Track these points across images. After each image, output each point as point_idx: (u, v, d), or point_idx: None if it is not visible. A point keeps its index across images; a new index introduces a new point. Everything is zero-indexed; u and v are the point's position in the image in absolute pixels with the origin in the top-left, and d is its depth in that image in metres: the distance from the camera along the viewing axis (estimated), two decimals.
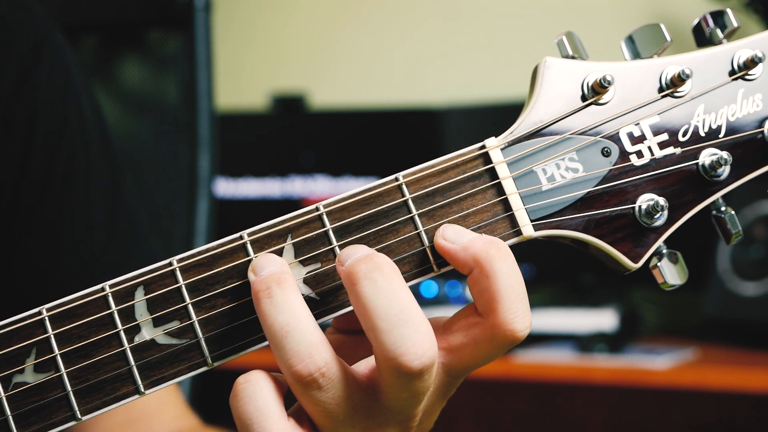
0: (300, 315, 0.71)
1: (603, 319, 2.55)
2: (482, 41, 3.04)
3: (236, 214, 2.88)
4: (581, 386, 2.57)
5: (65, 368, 0.73)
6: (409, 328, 0.70)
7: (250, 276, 0.73)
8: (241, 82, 3.22)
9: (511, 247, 0.76)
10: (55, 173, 1.12)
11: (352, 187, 0.76)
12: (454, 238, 0.73)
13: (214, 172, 1.53)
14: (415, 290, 1.11)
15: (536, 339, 2.56)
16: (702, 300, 2.51)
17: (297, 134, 2.94)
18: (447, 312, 0.76)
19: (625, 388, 2.52)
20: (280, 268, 0.72)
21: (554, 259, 2.71)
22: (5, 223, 1.11)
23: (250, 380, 0.72)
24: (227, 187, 2.91)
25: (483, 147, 0.76)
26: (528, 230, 0.76)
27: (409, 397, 0.72)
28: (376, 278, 0.70)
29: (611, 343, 2.46)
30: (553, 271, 2.76)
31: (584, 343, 2.46)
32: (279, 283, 0.71)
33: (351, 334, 0.80)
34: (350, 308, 0.75)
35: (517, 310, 0.72)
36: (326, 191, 2.83)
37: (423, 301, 2.59)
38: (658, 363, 2.36)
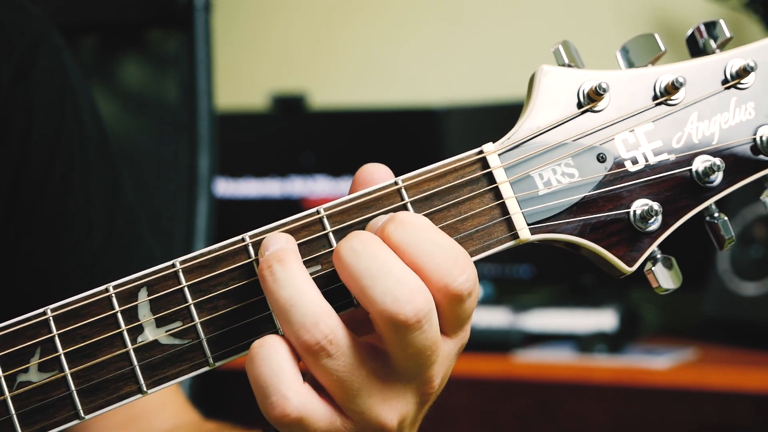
0: (303, 287, 0.72)
1: (603, 319, 2.56)
2: (482, 42, 3.04)
3: (236, 214, 2.88)
4: (581, 386, 2.57)
5: (69, 368, 0.74)
6: (392, 278, 0.71)
7: (259, 257, 0.74)
8: (241, 82, 3.23)
9: (509, 249, 0.77)
10: (52, 174, 1.12)
11: None
12: None
13: (214, 172, 1.53)
14: None
15: (536, 339, 2.57)
16: (702, 300, 2.51)
17: (297, 134, 2.94)
18: None
19: (625, 388, 2.53)
20: (283, 245, 0.74)
21: (554, 260, 2.71)
22: (4, 225, 1.11)
23: (266, 344, 0.73)
24: (227, 187, 2.92)
25: (481, 152, 0.77)
26: (524, 234, 0.77)
27: (416, 354, 0.73)
28: (354, 245, 0.72)
29: (611, 343, 2.47)
30: (553, 272, 2.77)
31: (584, 343, 2.47)
32: (280, 260, 0.73)
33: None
34: (351, 309, 0.76)
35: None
36: (326, 191, 2.84)
37: None
38: (658, 363, 2.37)
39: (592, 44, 1.17)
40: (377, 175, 0.77)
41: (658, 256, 0.78)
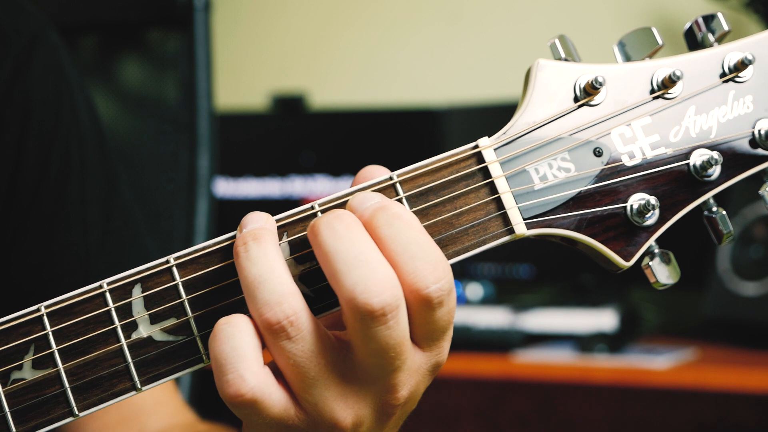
0: (273, 267, 0.72)
1: (603, 319, 2.55)
2: (482, 42, 3.04)
3: (236, 214, 2.87)
4: (581, 386, 2.57)
5: (63, 365, 0.74)
6: (367, 268, 0.71)
7: (237, 234, 0.74)
8: (241, 82, 3.23)
9: (506, 245, 0.77)
10: (49, 172, 1.12)
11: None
12: None
13: (214, 172, 1.53)
14: None
15: (536, 339, 2.57)
16: (702, 300, 2.51)
17: (297, 134, 2.94)
18: None
19: (625, 388, 2.53)
20: (262, 224, 0.74)
21: (554, 259, 2.71)
22: (1, 223, 1.12)
23: (231, 322, 0.73)
24: (227, 187, 2.92)
25: (476, 147, 0.77)
26: (520, 228, 0.76)
27: (379, 351, 0.72)
28: (336, 226, 0.72)
29: (611, 343, 2.47)
30: (553, 271, 2.77)
31: (584, 343, 2.47)
32: (256, 238, 0.73)
33: None
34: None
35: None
36: (326, 191, 2.83)
37: None
38: (658, 363, 2.37)
39: (592, 45, 1.16)
40: (378, 176, 0.77)
41: (656, 250, 0.78)
